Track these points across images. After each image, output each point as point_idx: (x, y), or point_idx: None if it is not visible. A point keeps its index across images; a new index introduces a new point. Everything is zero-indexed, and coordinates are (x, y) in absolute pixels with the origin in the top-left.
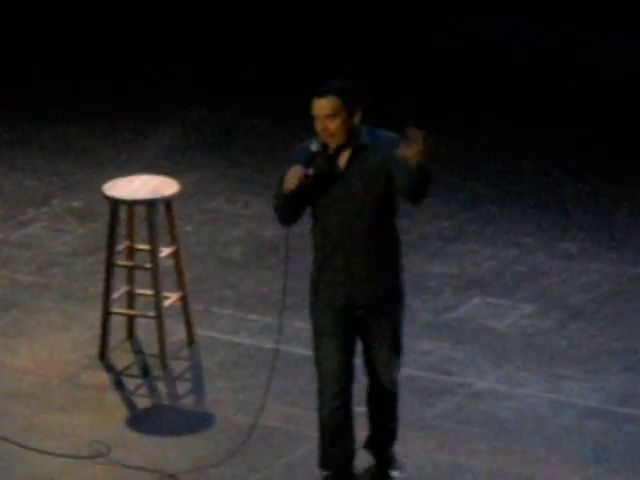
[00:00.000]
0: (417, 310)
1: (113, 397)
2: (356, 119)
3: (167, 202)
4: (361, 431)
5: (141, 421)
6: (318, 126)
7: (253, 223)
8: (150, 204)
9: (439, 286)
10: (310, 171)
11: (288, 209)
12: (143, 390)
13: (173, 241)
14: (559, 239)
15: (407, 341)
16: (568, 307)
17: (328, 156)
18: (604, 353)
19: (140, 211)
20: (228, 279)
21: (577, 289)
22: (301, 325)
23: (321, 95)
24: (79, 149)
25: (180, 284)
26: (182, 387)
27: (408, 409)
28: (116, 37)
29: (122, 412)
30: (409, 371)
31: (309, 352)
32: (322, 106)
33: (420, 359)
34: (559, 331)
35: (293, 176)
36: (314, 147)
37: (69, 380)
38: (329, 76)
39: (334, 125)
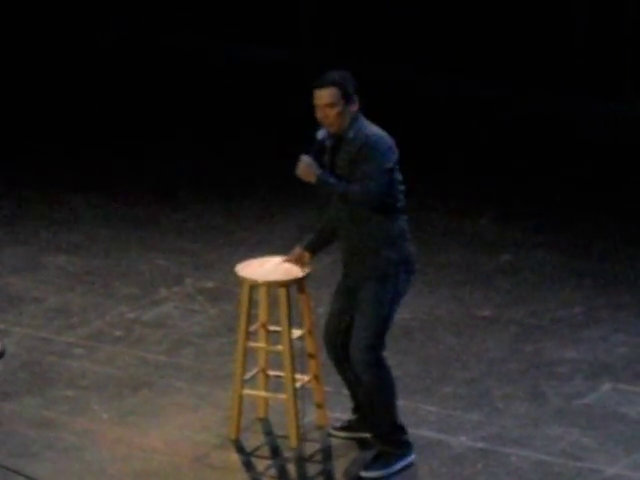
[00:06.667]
0: (548, 395)
1: (243, 478)
2: (353, 108)
3: (300, 283)
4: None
5: None
6: (319, 114)
7: None
8: (283, 285)
9: (570, 371)
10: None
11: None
12: (273, 471)
13: (305, 323)
14: None
15: (538, 426)
16: None
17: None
18: None
19: (272, 292)
20: None
21: None
22: (432, 409)
23: (321, 86)
24: (211, 229)
25: (312, 366)
26: (312, 469)
27: None
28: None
29: None
30: (539, 456)
31: (441, 435)
32: (321, 96)
33: (551, 444)
34: None
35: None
36: (320, 135)
37: (199, 460)
38: None
39: (333, 114)
